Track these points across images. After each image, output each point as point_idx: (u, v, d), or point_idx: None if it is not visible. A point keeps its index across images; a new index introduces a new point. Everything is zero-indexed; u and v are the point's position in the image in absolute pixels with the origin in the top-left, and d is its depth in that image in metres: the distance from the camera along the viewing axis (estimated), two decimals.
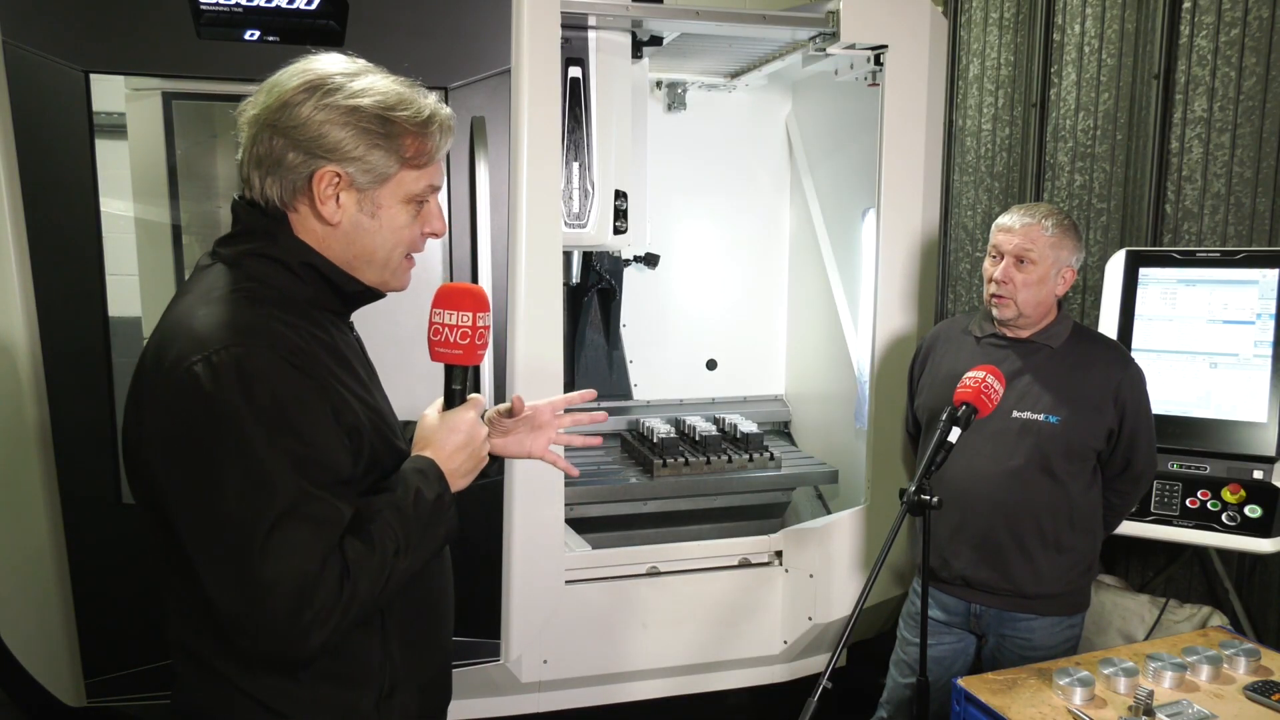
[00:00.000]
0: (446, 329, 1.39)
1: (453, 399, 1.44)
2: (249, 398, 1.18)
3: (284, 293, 1.31)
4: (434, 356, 1.42)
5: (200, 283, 1.30)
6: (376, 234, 1.34)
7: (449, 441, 1.39)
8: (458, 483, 1.40)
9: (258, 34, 2.50)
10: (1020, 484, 2.28)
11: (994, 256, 2.34)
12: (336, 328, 1.39)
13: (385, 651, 1.38)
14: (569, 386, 3.76)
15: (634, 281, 3.98)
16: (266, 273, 1.31)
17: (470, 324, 1.39)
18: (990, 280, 2.33)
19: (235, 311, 1.24)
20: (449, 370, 1.43)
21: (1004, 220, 2.34)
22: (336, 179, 1.29)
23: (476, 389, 2.67)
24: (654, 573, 3.12)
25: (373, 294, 1.41)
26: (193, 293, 1.29)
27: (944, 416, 1.97)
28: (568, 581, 2.99)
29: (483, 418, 1.48)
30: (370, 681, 1.36)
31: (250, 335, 1.21)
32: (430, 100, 1.36)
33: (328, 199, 1.30)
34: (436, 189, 1.39)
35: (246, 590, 1.16)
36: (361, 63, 1.35)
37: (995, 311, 2.34)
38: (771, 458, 3.53)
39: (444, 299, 1.40)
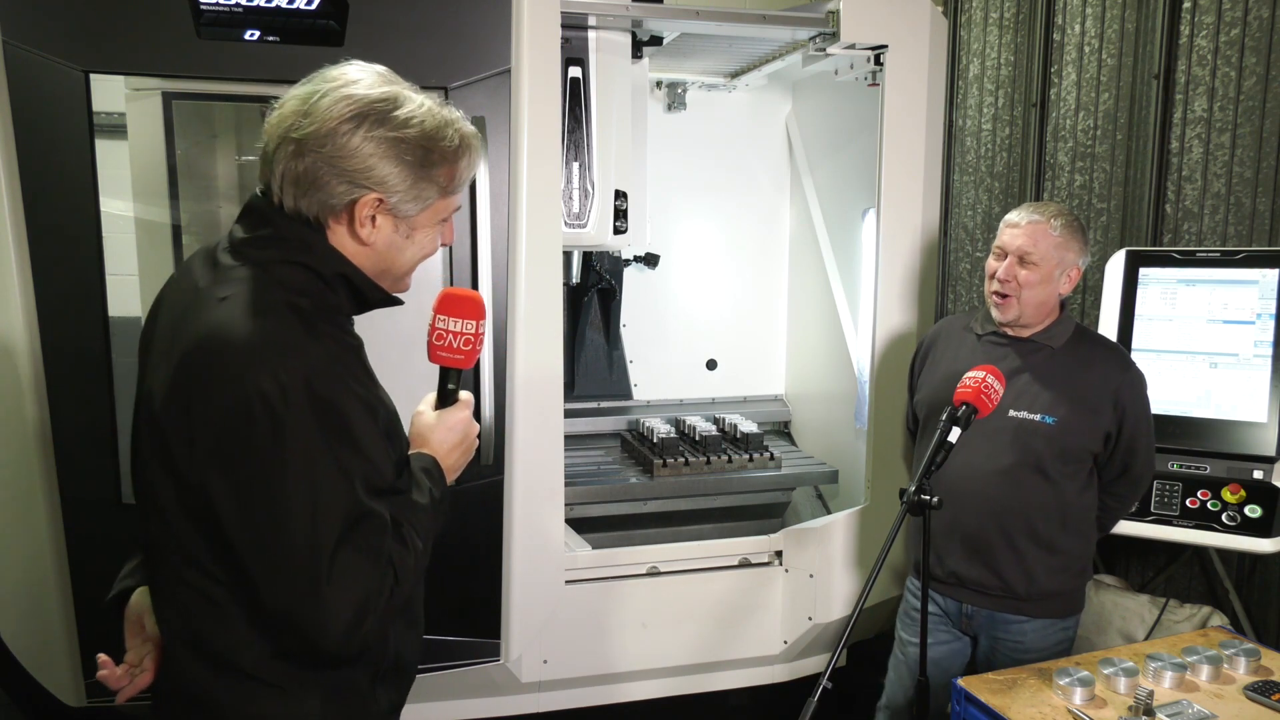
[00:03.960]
0: (450, 335, 1.44)
1: (447, 398, 1.49)
2: (320, 417, 1.21)
3: (316, 301, 1.32)
4: (433, 358, 1.46)
5: (236, 289, 1.28)
6: (407, 250, 1.40)
7: (447, 440, 1.46)
8: (450, 476, 1.47)
9: (258, 34, 2.49)
10: (1013, 483, 2.27)
11: (997, 254, 2.33)
12: (352, 331, 1.43)
13: (384, 635, 1.42)
14: (569, 386, 3.76)
15: (634, 281, 3.98)
16: (300, 281, 1.32)
17: (474, 332, 1.44)
18: (992, 278, 2.32)
19: (289, 325, 1.25)
20: (445, 371, 1.48)
21: (1011, 217, 2.32)
22: (378, 204, 1.33)
23: (476, 388, 2.68)
24: (654, 573, 3.12)
25: (392, 301, 1.45)
26: (232, 299, 1.27)
27: (944, 416, 1.97)
28: (568, 581, 2.99)
29: None
30: (371, 660, 1.41)
31: (311, 353, 1.24)
32: (460, 123, 1.39)
33: (365, 222, 1.34)
34: (459, 208, 1.46)
35: (313, 604, 1.21)
36: (392, 84, 1.35)
37: (996, 313, 2.33)
38: (771, 458, 3.53)
39: (449, 306, 1.44)
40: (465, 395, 1.50)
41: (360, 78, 1.33)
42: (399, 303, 1.46)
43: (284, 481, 1.20)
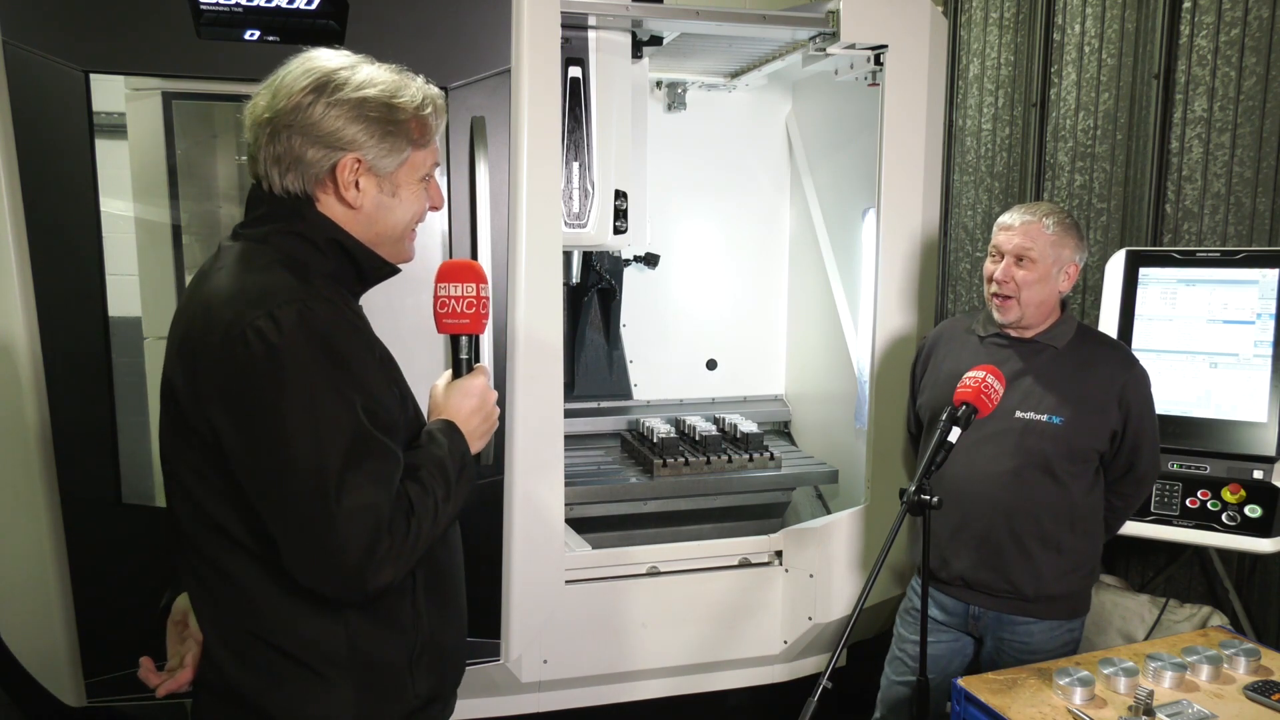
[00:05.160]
0: (453, 300, 1.49)
1: (460, 368, 1.52)
2: (313, 347, 1.26)
3: (311, 267, 1.38)
4: (441, 328, 1.51)
5: (231, 259, 1.37)
6: (396, 210, 1.44)
7: (464, 405, 1.48)
8: (474, 444, 1.48)
9: (258, 34, 2.49)
10: (1021, 484, 2.27)
11: (994, 256, 2.33)
12: (355, 304, 1.48)
13: (415, 610, 1.44)
14: (569, 386, 3.76)
15: (634, 281, 3.98)
16: (294, 248, 1.38)
17: (475, 294, 1.49)
18: (990, 280, 2.32)
19: (282, 276, 1.32)
20: (455, 341, 1.52)
21: (1004, 219, 2.33)
22: (357, 165, 1.38)
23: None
24: (654, 573, 3.12)
25: (388, 270, 1.48)
26: (227, 267, 1.35)
27: (944, 416, 1.98)
28: (568, 581, 2.99)
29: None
30: (404, 639, 1.43)
31: (304, 294, 1.30)
32: (420, 83, 1.46)
33: (349, 185, 1.39)
34: (438, 165, 1.52)
35: (325, 527, 1.22)
36: (350, 57, 1.43)
37: (997, 314, 2.33)
38: (771, 458, 3.53)
39: (447, 274, 1.51)
40: (481, 364, 1.54)
41: (318, 54, 1.41)
42: (394, 272, 1.49)
43: (282, 405, 1.23)
